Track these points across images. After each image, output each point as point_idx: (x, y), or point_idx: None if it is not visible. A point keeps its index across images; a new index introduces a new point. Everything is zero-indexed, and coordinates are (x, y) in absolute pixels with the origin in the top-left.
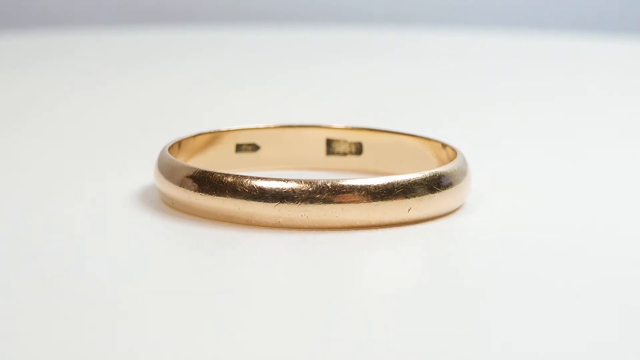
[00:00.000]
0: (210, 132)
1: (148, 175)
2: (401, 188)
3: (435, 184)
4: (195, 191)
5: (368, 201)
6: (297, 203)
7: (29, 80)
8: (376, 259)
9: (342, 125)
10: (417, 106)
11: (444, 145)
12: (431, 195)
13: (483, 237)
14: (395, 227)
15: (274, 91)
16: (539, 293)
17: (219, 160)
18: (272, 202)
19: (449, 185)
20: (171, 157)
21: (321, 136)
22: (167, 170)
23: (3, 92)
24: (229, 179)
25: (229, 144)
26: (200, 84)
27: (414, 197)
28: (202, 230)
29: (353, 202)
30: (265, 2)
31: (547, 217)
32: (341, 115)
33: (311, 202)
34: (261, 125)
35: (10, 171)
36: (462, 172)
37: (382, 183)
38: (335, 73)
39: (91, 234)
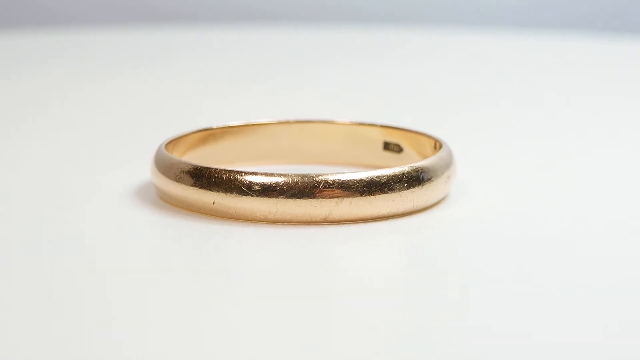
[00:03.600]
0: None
1: (145, 171)
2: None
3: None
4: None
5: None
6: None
7: (27, 78)
8: (359, 253)
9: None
10: (413, 102)
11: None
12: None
13: (466, 229)
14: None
15: (272, 90)
16: (524, 284)
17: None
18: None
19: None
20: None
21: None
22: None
23: (2, 90)
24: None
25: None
26: (199, 83)
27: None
28: (195, 225)
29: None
30: (265, 2)
31: (530, 208)
32: (340, 113)
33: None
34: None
35: (10, 166)
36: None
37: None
38: (334, 73)
39: (88, 230)
